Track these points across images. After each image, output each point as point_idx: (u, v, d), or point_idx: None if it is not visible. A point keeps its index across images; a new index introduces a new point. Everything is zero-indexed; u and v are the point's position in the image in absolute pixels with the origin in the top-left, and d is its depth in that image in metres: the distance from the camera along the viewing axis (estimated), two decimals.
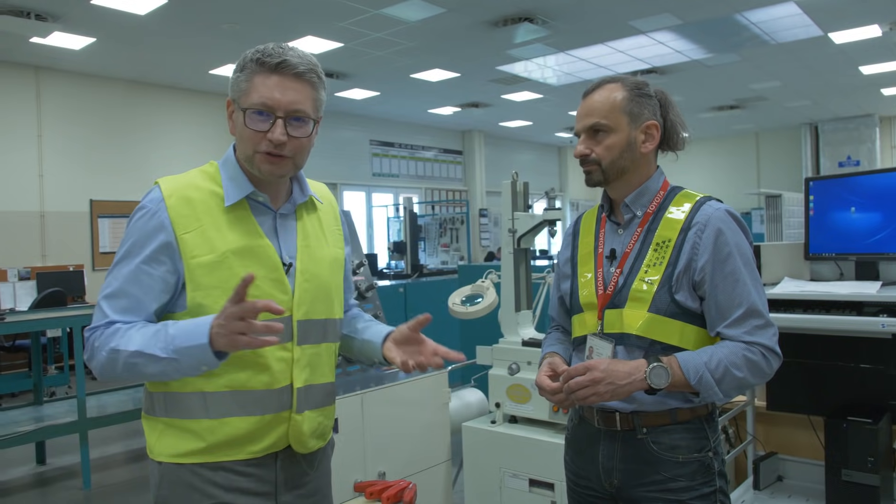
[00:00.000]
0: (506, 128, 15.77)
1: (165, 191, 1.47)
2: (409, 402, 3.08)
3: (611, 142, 1.67)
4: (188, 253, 1.44)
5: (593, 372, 1.53)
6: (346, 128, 13.64)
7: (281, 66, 1.44)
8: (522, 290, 3.27)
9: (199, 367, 1.37)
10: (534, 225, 3.15)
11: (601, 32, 8.80)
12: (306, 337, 1.54)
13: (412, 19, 8.01)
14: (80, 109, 9.82)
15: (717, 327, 1.61)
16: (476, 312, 3.25)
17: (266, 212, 1.54)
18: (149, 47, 8.75)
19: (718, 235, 1.60)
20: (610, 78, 1.73)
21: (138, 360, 1.38)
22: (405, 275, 8.98)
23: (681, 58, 10.04)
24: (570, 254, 1.86)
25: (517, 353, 3.09)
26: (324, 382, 1.60)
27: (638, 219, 1.71)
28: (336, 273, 1.65)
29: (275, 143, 1.44)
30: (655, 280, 1.62)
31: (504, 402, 3.10)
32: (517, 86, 11.64)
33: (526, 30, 8.51)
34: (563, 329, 1.93)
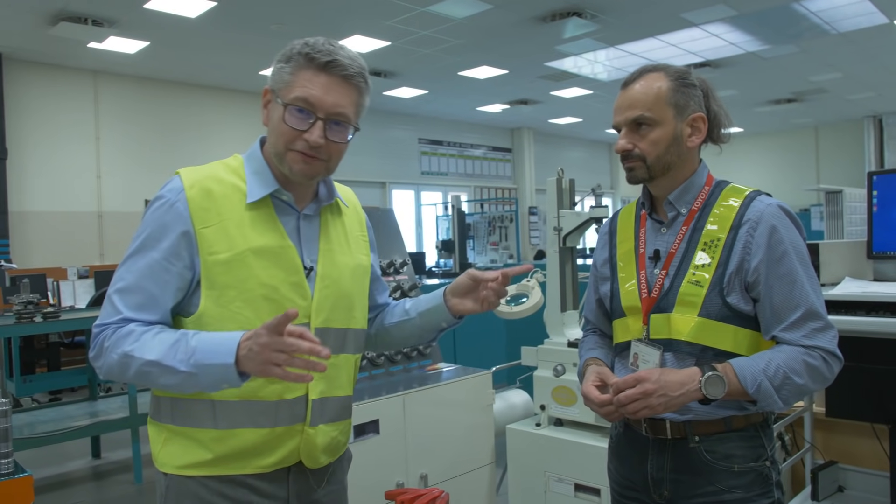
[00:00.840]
0: (555, 125, 15.61)
1: (186, 181, 1.39)
2: (452, 403, 3.03)
3: (656, 136, 1.57)
4: (206, 249, 1.35)
5: (645, 384, 1.43)
6: (395, 126, 13.69)
7: (330, 65, 1.36)
8: (568, 290, 3.20)
9: (218, 385, 1.29)
10: (580, 223, 3.07)
11: (652, 26, 8.61)
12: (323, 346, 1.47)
13: (459, 16, 7.98)
14: (135, 111, 10.08)
15: (773, 331, 1.51)
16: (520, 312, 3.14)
17: (289, 211, 1.46)
18: (199, 50, 8.92)
19: (772, 233, 1.50)
20: (651, 66, 1.62)
21: (153, 370, 1.29)
22: (453, 273, 8.95)
23: (735, 50, 9.76)
24: (607, 254, 1.77)
25: (563, 355, 3.02)
26: (340, 395, 1.51)
27: (682, 216, 1.61)
28: (359, 281, 1.57)
29: (311, 145, 1.36)
30: (705, 282, 1.52)
31: (549, 404, 3.03)
32: (566, 82, 11.49)
33: (574, 25, 8.38)
34: (600, 332, 1.84)
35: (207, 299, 1.35)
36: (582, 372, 1.71)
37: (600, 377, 1.58)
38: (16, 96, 9.02)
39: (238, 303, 1.35)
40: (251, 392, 1.38)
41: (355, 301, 1.54)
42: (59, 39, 8.07)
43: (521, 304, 3.33)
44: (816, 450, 3.19)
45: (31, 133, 9.17)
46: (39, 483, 4.66)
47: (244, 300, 1.36)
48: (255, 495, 1.40)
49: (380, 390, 2.87)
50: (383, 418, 2.75)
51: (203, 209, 1.37)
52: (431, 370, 3.26)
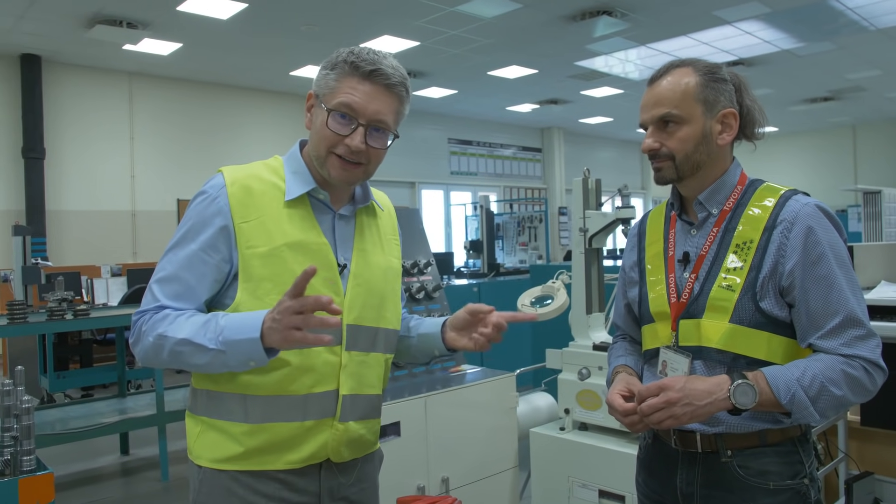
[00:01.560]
0: (586, 124, 15.48)
1: (228, 178, 1.45)
2: (474, 406, 2.99)
3: (684, 134, 1.50)
4: (245, 242, 1.40)
5: (668, 392, 1.36)
6: (425, 126, 13.68)
7: (374, 73, 1.41)
8: (594, 292, 3.13)
9: (246, 363, 1.32)
10: (606, 224, 3.01)
11: (684, 24, 8.47)
12: (355, 342, 1.47)
13: (488, 15, 7.93)
14: (168, 112, 10.21)
15: (810, 338, 1.42)
16: (545, 314, 3.13)
17: (326, 210, 1.50)
18: (231, 51, 9.00)
19: (808, 234, 1.42)
20: (678, 62, 1.55)
21: (185, 349, 1.34)
22: (481, 274, 8.89)
23: (770, 48, 9.57)
24: (636, 257, 1.70)
25: (588, 358, 2.96)
26: (370, 394, 1.52)
27: (714, 217, 1.54)
28: (391, 282, 1.59)
29: (352, 150, 1.41)
30: (737, 286, 1.45)
31: (574, 408, 2.97)
32: (597, 81, 11.38)
33: (605, 23, 8.28)
34: (630, 338, 1.78)
35: (244, 291, 1.40)
36: (610, 380, 1.65)
37: (628, 386, 1.51)
38: (54, 98, 9.19)
39: (273, 295, 1.37)
40: (281, 387, 1.41)
41: (387, 301, 1.57)
42: (96, 42, 8.19)
43: (546, 305, 3.28)
44: (851, 460, 3.08)
45: (67, 134, 9.34)
46: (68, 479, 4.72)
47: (279, 292, 1.37)
48: (286, 490, 1.42)
49: (402, 392, 2.84)
50: (405, 420, 2.71)
51: (243, 205, 1.42)
52: (455, 372, 3.22)
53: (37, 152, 8.93)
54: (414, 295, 3.28)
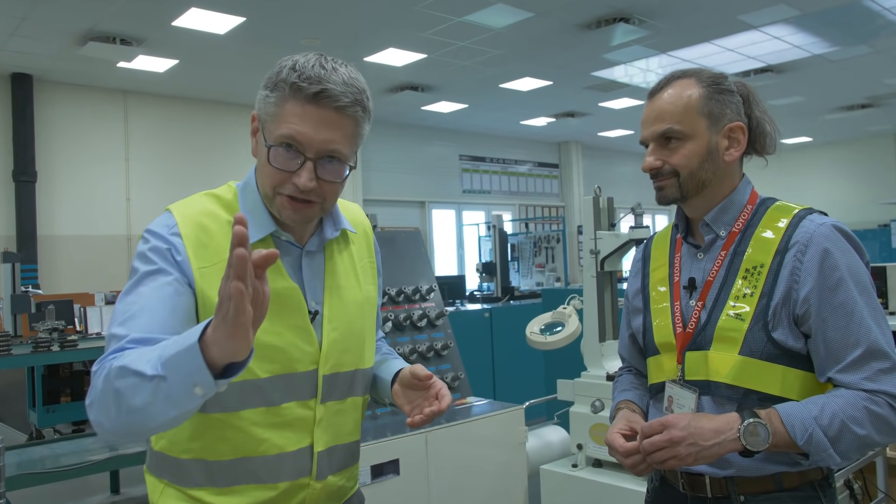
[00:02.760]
0: (605, 138, 15.46)
1: (179, 217, 1.33)
2: (480, 441, 2.96)
3: (687, 150, 1.48)
4: (205, 290, 1.28)
5: (672, 430, 1.33)
6: (434, 143, 13.74)
7: (320, 96, 1.25)
8: (607, 318, 3.12)
9: (190, 389, 1.03)
10: (619, 245, 3.00)
11: (707, 30, 8.48)
12: (330, 392, 1.41)
13: (498, 25, 7.97)
14: (165, 131, 10.33)
15: (829, 372, 1.38)
16: (555, 343, 3.12)
17: (291, 250, 1.40)
18: (229, 66, 9.11)
19: (825, 257, 1.38)
20: (680, 72, 1.54)
21: (124, 384, 1.08)
22: (495, 298, 8.87)
23: (800, 53, 9.54)
24: (639, 284, 1.68)
25: (601, 389, 2.93)
26: (348, 442, 1.47)
27: (721, 240, 1.52)
28: (368, 316, 1.52)
29: (300, 189, 1.28)
30: (747, 315, 1.41)
31: (587, 443, 2.94)
32: (616, 92, 11.39)
33: (622, 31, 8.30)
34: (636, 371, 1.76)
35: None
36: (613, 416, 1.63)
37: (630, 424, 1.48)
38: (45, 118, 9.33)
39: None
40: (247, 448, 1.34)
41: (366, 339, 1.51)
42: (89, 59, 8.32)
43: (556, 333, 3.27)
44: (892, 500, 3.01)
45: (60, 155, 9.46)
46: None
47: None
48: None
49: (401, 426, 2.82)
50: (404, 458, 2.69)
51: (201, 245, 1.31)
52: (459, 405, 3.20)
53: (28, 175, 9.04)
54: (416, 323, 3.28)
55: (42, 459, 4.47)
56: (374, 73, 9.31)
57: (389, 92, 10.62)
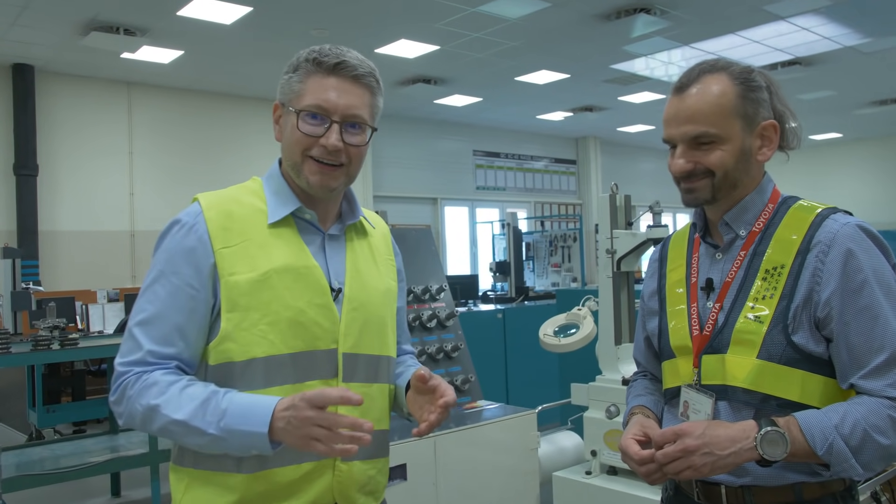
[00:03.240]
0: (624, 133, 15.43)
1: (205, 204, 1.47)
2: (490, 446, 2.96)
3: (723, 153, 1.46)
4: (226, 269, 1.40)
5: (686, 440, 1.33)
6: (447, 137, 13.74)
7: (339, 66, 1.44)
8: (624, 320, 3.11)
9: (247, 451, 1.32)
10: (636, 245, 3.00)
11: (731, 20, 8.43)
12: (353, 373, 1.47)
13: (513, 16, 7.96)
14: (169, 124, 10.39)
15: (851, 378, 1.38)
16: (569, 345, 3.11)
17: (313, 231, 1.51)
18: (236, 58, 9.15)
19: (848, 258, 1.38)
20: (708, 65, 1.50)
21: (179, 430, 1.33)
22: (508, 298, 8.87)
23: (831, 45, 9.47)
24: (656, 285, 1.68)
25: (617, 394, 2.93)
26: (376, 430, 1.48)
27: (741, 240, 1.51)
28: (388, 305, 1.60)
29: (329, 150, 1.43)
30: (765, 317, 1.41)
31: (601, 449, 2.94)
32: (636, 86, 11.36)
33: (643, 22, 8.27)
34: (651, 376, 1.75)
35: (229, 322, 1.39)
36: (627, 422, 1.63)
37: (644, 430, 1.48)
38: (47, 110, 9.40)
39: (262, 326, 1.39)
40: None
41: (387, 326, 1.58)
42: (91, 50, 8.38)
43: (570, 335, 3.26)
44: None
45: (62, 149, 9.54)
46: None
47: (268, 323, 1.40)
48: None
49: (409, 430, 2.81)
50: (411, 463, 2.70)
51: (224, 229, 1.43)
52: (469, 409, 3.20)
53: (29, 169, 9.12)
54: (425, 323, 3.28)
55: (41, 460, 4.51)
56: (386, 65, 9.31)
57: (401, 85, 10.63)
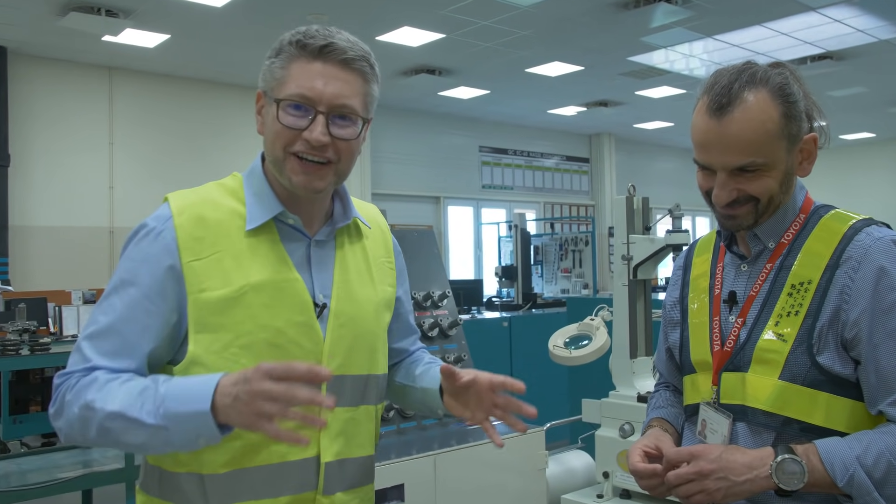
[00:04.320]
0: (642, 130, 15.45)
1: (175, 207, 1.40)
2: (495, 466, 2.96)
3: (769, 179, 1.43)
4: (195, 285, 1.34)
5: (700, 462, 1.34)
6: (452, 132, 13.75)
7: (326, 50, 1.37)
8: (640, 332, 3.10)
9: (195, 441, 1.24)
10: (654, 251, 2.99)
11: (759, 11, 8.44)
12: (338, 397, 1.41)
13: (525, 3, 7.98)
14: (153, 113, 10.39)
15: (880, 404, 1.37)
16: (581, 358, 3.10)
17: (298, 237, 1.45)
18: (226, 43, 9.16)
19: (881, 276, 1.38)
20: (745, 80, 1.42)
21: (116, 425, 1.25)
22: (515, 305, 8.87)
23: (864, 38, 9.49)
24: (678, 294, 1.69)
25: (631, 411, 2.92)
26: (361, 456, 1.49)
27: (769, 251, 1.52)
28: (382, 318, 1.56)
29: (313, 145, 1.35)
30: (789, 335, 1.42)
31: (614, 471, 2.93)
32: (655, 80, 11.38)
33: (664, 11, 8.28)
34: (673, 388, 1.78)
35: (198, 345, 1.34)
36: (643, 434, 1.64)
37: (657, 443, 1.49)
38: (21, 96, 9.40)
39: (234, 349, 1.34)
40: (245, 458, 1.36)
41: (378, 342, 1.54)
42: (70, 32, 8.38)
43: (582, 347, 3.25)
44: None
45: (37, 137, 9.53)
46: None
47: (242, 346, 1.35)
48: None
49: (408, 448, 2.82)
50: (410, 483, 2.69)
51: (195, 239, 1.37)
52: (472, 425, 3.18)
53: (0, 159, 9.12)
54: (427, 332, 3.27)
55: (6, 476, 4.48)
56: (387, 53, 9.32)
57: (403, 75, 10.64)
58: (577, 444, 3.63)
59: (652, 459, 1.46)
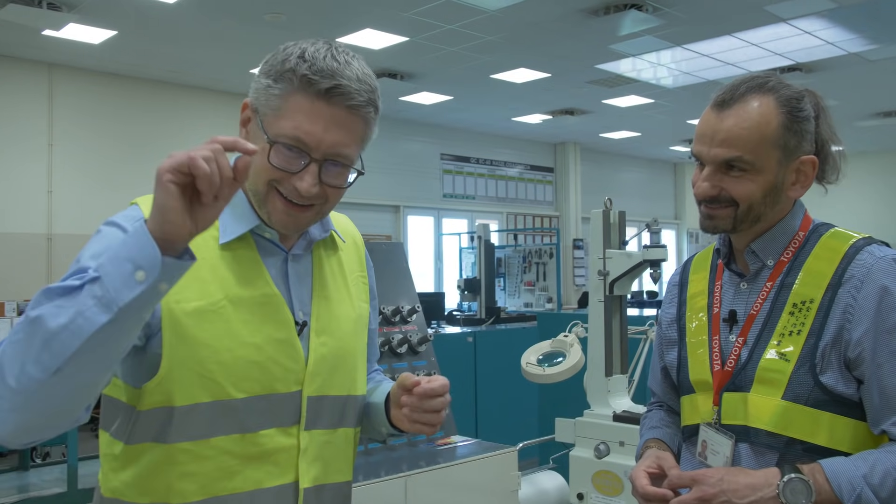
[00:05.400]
0: (608, 140, 15.61)
1: (146, 210, 1.25)
2: (466, 488, 2.98)
3: (753, 183, 1.51)
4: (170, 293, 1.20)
5: (702, 486, 1.39)
6: (413, 139, 13.77)
7: (333, 92, 1.31)
8: (615, 349, 3.16)
9: (130, 276, 1.04)
10: (630, 266, 3.05)
11: (729, 21, 8.61)
12: (317, 419, 1.43)
13: (492, 7, 8.04)
14: (97, 114, 10.24)
15: (884, 423, 1.44)
16: (555, 376, 3.15)
17: (275, 251, 1.43)
18: (178, 41, 9.07)
19: (884, 296, 1.44)
20: (757, 82, 1.53)
21: (43, 310, 1.06)
22: (478, 319, 8.90)
23: (834, 51, 9.73)
24: (675, 313, 1.75)
25: (607, 430, 2.97)
26: (339, 482, 1.48)
27: (768, 269, 1.58)
28: (360, 335, 1.56)
29: (301, 193, 1.31)
30: (792, 355, 1.48)
31: (588, 492, 2.98)
32: (622, 88, 11.52)
33: (633, 19, 8.41)
34: (667, 407, 1.83)
35: (172, 359, 1.30)
36: (640, 455, 1.69)
37: (659, 463, 1.54)
38: None
39: (212, 364, 1.31)
40: (218, 484, 1.33)
41: (358, 361, 1.53)
42: (7, 25, 8.21)
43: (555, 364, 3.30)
44: None
45: None
46: None
47: (219, 362, 1.32)
48: None
49: (376, 469, 2.83)
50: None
51: None
52: (443, 445, 3.21)
53: None
54: (395, 349, 3.29)
55: None
56: None
57: None
58: (548, 464, 3.67)
59: (655, 480, 1.50)
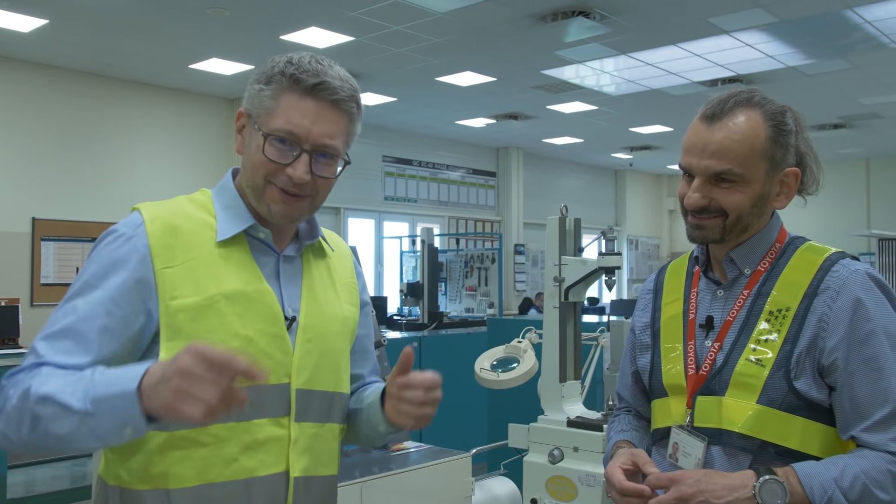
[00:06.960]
0: (551, 145, 15.77)
1: (147, 215, 1.47)
2: (421, 494, 3.01)
3: (741, 194, 1.59)
4: (167, 292, 1.41)
5: (680, 487, 1.44)
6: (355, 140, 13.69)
7: (318, 88, 1.47)
8: (569, 355, 3.22)
9: (122, 429, 1.23)
10: (586, 273, 3.11)
11: (673, 31, 8.80)
12: (306, 412, 1.51)
13: (440, 10, 8.08)
14: (26, 106, 9.95)
15: (853, 430, 1.52)
16: (509, 381, 3.19)
17: (267, 252, 1.55)
18: (115, 33, 8.88)
19: (857, 307, 1.53)
20: (744, 97, 1.61)
21: (46, 411, 1.26)
22: (419, 325, 8.93)
23: (773, 64, 10.01)
24: (649, 318, 1.81)
25: (560, 436, 3.03)
26: (326, 475, 1.56)
27: (745, 278, 1.65)
28: (346, 336, 1.64)
29: (294, 181, 1.46)
30: (767, 360, 1.55)
31: (542, 497, 3.03)
32: (566, 94, 11.65)
33: (579, 26, 8.53)
34: (635, 412, 1.88)
35: (169, 352, 1.39)
36: (609, 458, 1.73)
37: (634, 460, 1.59)
38: None
39: None
40: (213, 471, 1.40)
41: (342, 361, 1.62)
42: None
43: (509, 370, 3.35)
44: None
45: None
46: None
47: None
48: None
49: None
50: None
51: (166, 246, 1.44)
52: (396, 451, 3.24)
53: None
54: None
55: None
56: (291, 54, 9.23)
57: None
58: (498, 470, 3.71)
59: (630, 476, 1.55)
